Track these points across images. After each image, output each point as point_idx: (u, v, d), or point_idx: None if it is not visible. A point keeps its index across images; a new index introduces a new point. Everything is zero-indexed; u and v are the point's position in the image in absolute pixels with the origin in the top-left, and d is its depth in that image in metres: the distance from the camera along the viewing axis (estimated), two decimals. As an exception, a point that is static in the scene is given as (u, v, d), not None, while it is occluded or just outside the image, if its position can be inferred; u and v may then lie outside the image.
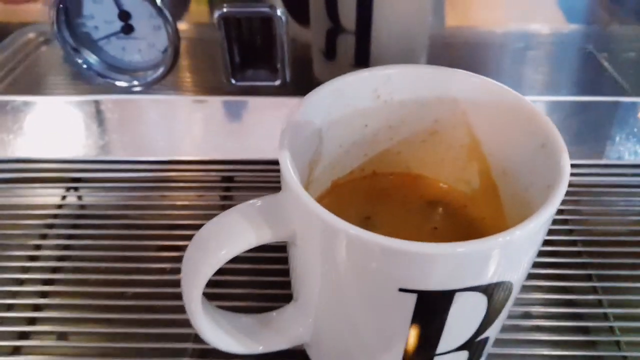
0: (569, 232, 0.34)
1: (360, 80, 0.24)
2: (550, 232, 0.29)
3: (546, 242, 0.32)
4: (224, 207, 0.34)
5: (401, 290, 0.18)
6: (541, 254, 0.32)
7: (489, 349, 0.24)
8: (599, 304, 0.30)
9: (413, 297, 0.18)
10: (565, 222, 0.34)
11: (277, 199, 0.20)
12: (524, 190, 0.23)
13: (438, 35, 0.35)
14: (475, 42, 0.35)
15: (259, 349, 0.24)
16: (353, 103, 0.25)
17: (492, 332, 0.22)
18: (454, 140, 0.26)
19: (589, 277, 0.31)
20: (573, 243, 0.33)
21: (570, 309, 0.30)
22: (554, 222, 0.32)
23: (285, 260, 0.24)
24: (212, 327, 0.23)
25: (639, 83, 0.36)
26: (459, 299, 0.18)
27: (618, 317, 0.29)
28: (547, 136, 0.21)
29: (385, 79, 0.25)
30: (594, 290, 0.30)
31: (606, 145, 0.37)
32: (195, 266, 0.21)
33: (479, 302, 0.19)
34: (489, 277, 0.18)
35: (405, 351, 0.21)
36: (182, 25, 0.34)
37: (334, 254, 0.19)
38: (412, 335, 0.20)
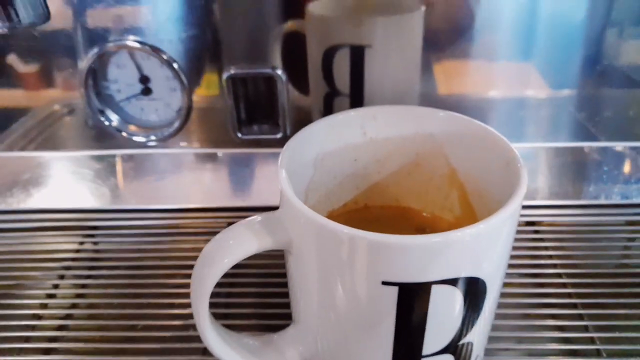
0: (554, 265, 0.36)
1: (349, 118, 0.28)
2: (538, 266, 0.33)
3: (534, 275, 0.35)
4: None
5: (384, 283, 0.20)
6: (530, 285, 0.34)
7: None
8: (579, 317, 0.32)
9: (395, 290, 0.21)
10: (550, 257, 0.37)
11: (275, 213, 0.23)
12: (497, 208, 0.25)
13: (426, 96, 0.39)
14: (463, 105, 0.39)
15: (261, 365, 0.26)
16: (344, 138, 0.28)
17: (475, 338, 0.24)
18: (435, 171, 0.29)
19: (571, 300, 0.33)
20: (559, 275, 0.35)
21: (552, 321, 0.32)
22: (541, 257, 0.35)
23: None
24: (217, 340, 0.25)
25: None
26: (436, 292, 0.21)
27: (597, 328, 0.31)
28: (509, 156, 0.24)
29: (371, 118, 0.28)
30: (577, 313, 0.32)
31: (585, 186, 0.40)
32: (201, 275, 0.23)
33: (456, 298, 0.21)
34: (460, 269, 0.20)
35: (394, 352, 0.23)
36: (194, 87, 0.38)
37: (325, 253, 0.21)
38: (399, 333, 0.22)
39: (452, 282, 0.21)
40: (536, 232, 0.39)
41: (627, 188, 0.40)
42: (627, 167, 0.40)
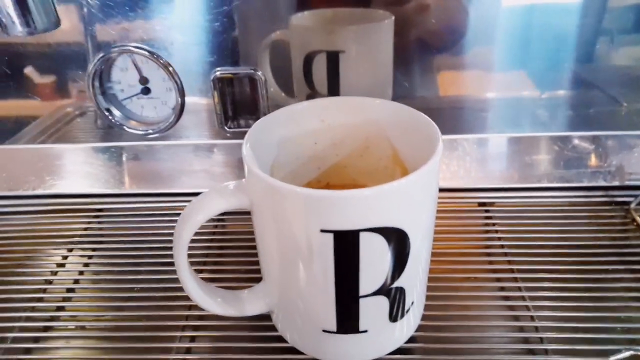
0: (499, 238, 0.41)
1: (307, 108, 0.34)
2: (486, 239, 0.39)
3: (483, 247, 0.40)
4: (215, 231, 0.43)
5: (322, 231, 0.26)
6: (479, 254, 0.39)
7: (412, 307, 0.31)
8: (515, 280, 0.37)
9: (331, 237, 0.26)
10: (496, 231, 0.42)
11: (241, 181, 0.29)
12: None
13: (398, 96, 0.44)
14: (432, 104, 0.45)
15: (231, 312, 0.32)
16: (303, 125, 0.34)
17: (406, 284, 0.29)
18: (382, 153, 0.34)
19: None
20: (502, 246, 0.40)
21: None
22: (489, 232, 0.40)
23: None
24: (196, 289, 0.30)
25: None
26: (364, 239, 0.26)
27: (528, 288, 0.36)
28: (431, 133, 0.29)
29: (326, 107, 0.34)
30: (513, 276, 0.37)
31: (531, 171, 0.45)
32: (180, 230, 0.28)
33: (382, 245, 0.26)
34: (383, 219, 0.26)
35: (336, 292, 0.28)
36: (187, 87, 0.44)
37: (276, 208, 0.27)
38: (338, 275, 0.27)
39: (378, 230, 0.26)
40: (487, 211, 0.44)
41: (568, 173, 0.45)
42: (570, 154, 0.45)
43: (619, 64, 0.42)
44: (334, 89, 0.45)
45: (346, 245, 0.26)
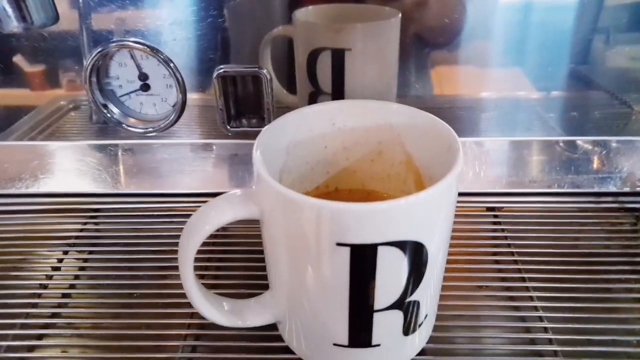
0: (508, 245, 0.40)
1: (319, 111, 0.32)
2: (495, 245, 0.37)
3: (492, 253, 0.39)
4: (217, 234, 0.41)
5: (338, 244, 0.25)
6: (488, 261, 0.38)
7: (426, 320, 0.30)
8: (526, 289, 0.36)
9: (347, 251, 0.25)
10: (505, 237, 0.41)
11: (250, 189, 0.28)
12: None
13: (403, 95, 0.43)
14: (435, 104, 0.43)
15: (238, 323, 0.30)
16: (314, 128, 0.32)
17: (422, 298, 0.28)
18: (394, 158, 0.33)
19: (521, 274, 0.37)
20: (512, 254, 0.39)
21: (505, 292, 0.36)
22: (498, 237, 0.39)
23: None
24: (201, 299, 0.29)
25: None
26: (382, 253, 0.25)
27: (540, 298, 0.35)
28: (451, 141, 0.28)
29: (338, 110, 0.32)
30: (525, 285, 0.36)
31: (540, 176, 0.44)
32: (186, 240, 0.27)
33: (400, 259, 0.25)
34: (401, 233, 0.24)
35: (350, 307, 0.27)
36: (188, 84, 0.42)
37: (290, 220, 0.25)
38: (353, 289, 0.26)
39: (396, 244, 0.25)
40: (495, 216, 0.43)
41: (578, 178, 0.44)
42: (579, 160, 0.44)
43: (631, 67, 0.41)
44: (338, 87, 0.44)
45: (363, 260, 0.25)
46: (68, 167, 0.45)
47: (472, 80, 0.43)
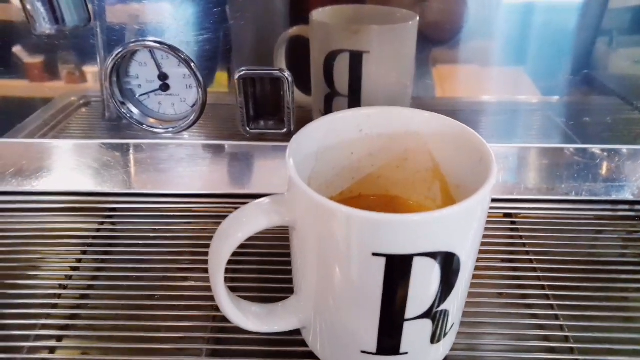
0: (527, 252, 0.40)
1: (347, 117, 0.32)
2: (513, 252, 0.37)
3: (509, 260, 0.39)
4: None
5: (374, 254, 0.25)
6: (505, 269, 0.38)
7: (452, 329, 0.30)
8: (546, 297, 0.36)
9: (383, 261, 0.25)
10: (524, 245, 0.41)
11: (282, 195, 0.28)
12: (472, 197, 0.29)
13: (418, 99, 0.43)
14: (452, 108, 0.43)
15: (265, 328, 0.30)
16: (342, 134, 0.32)
17: (450, 307, 0.28)
18: (420, 165, 0.33)
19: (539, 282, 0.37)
20: (530, 261, 0.39)
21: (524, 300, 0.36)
22: (516, 245, 0.39)
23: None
24: (231, 305, 0.29)
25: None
26: (417, 263, 0.25)
27: (561, 307, 0.35)
28: (483, 152, 0.28)
29: (366, 117, 0.32)
30: (544, 293, 0.36)
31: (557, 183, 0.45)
32: (218, 247, 0.27)
33: (434, 269, 0.25)
34: (437, 244, 0.25)
35: (381, 315, 0.27)
36: (208, 84, 0.42)
37: (325, 229, 0.25)
38: (385, 299, 0.26)
39: (431, 255, 0.25)
40: (513, 223, 0.43)
41: (596, 186, 0.44)
42: (596, 168, 0.44)
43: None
44: (355, 90, 0.44)
45: (398, 270, 0.25)
46: (85, 166, 0.45)
47: (490, 84, 0.43)
